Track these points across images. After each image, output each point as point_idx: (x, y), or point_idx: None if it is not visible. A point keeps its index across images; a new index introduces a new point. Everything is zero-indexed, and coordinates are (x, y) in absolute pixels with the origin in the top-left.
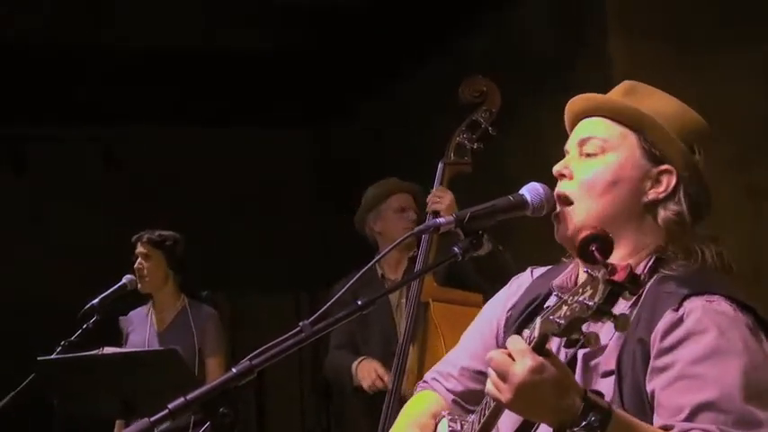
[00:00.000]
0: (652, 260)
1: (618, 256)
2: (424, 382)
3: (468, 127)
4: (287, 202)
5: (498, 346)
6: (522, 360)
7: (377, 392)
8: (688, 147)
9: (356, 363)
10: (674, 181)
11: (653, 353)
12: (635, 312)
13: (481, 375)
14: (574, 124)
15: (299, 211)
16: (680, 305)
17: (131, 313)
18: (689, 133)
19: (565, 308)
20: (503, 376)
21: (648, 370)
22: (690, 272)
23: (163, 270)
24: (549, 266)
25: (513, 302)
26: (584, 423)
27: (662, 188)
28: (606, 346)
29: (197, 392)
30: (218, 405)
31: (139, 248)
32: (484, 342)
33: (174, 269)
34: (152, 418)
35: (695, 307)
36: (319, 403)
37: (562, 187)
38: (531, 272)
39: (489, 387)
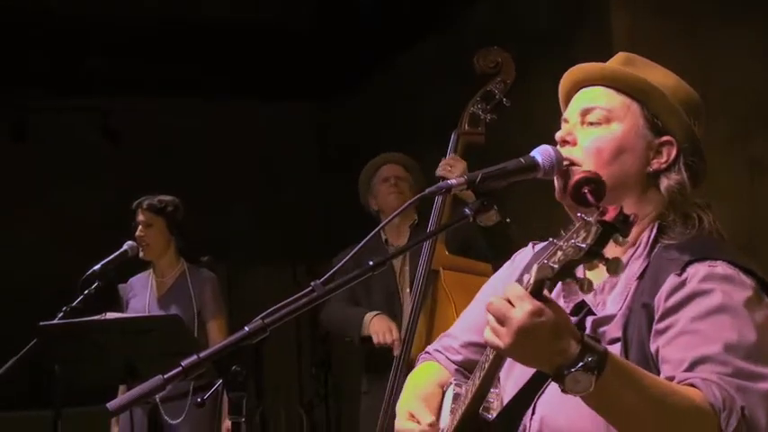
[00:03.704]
0: (655, 229)
1: None
2: (427, 353)
3: (483, 98)
4: (288, 174)
5: None
6: (520, 304)
7: (381, 348)
8: (688, 118)
9: (371, 315)
10: (674, 152)
11: (656, 315)
12: (641, 282)
13: (483, 347)
14: (570, 94)
15: (299, 184)
16: (683, 270)
17: (132, 279)
18: (687, 105)
19: (559, 253)
20: (501, 321)
21: (652, 331)
22: (691, 239)
23: (164, 237)
24: (550, 240)
25: (517, 277)
26: (580, 364)
27: (663, 159)
28: (614, 316)
29: (210, 350)
30: (230, 363)
31: (140, 216)
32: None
33: (174, 235)
34: (165, 375)
35: (698, 271)
36: (318, 374)
37: (566, 153)
38: (533, 246)
39: (488, 334)
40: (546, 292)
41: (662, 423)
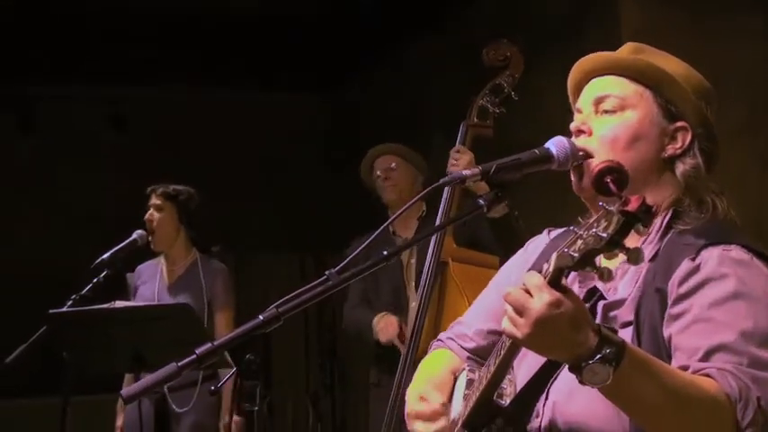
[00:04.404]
0: (669, 214)
1: None
2: (439, 340)
3: (492, 91)
4: (294, 166)
5: None
6: (539, 295)
7: (392, 346)
8: (700, 103)
9: (377, 318)
10: (689, 138)
11: (670, 300)
12: (653, 266)
13: (496, 335)
14: (580, 84)
15: (305, 175)
16: (697, 254)
17: (140, 267)
18: (699, 90)
19: (579, 241)
20: (520, 311)
21: (665, 317)
22: (705, 224)
23: (174, 224)
24: (565, 228)
25: (531, 263)
26: (598, 356)
27: (678, 144)
28: (626, 300)
29: (224, 338)
30: (244, 352)
31: (153, 200)
32: (501, 303)
33: (185, 224)
34: (179, 363)
35: (712, 255)
36: (324, 362)
37: (581, 143)
38: (548, 233)
39: (506, 324)
40: (564, 281)
41: (678, 414)
